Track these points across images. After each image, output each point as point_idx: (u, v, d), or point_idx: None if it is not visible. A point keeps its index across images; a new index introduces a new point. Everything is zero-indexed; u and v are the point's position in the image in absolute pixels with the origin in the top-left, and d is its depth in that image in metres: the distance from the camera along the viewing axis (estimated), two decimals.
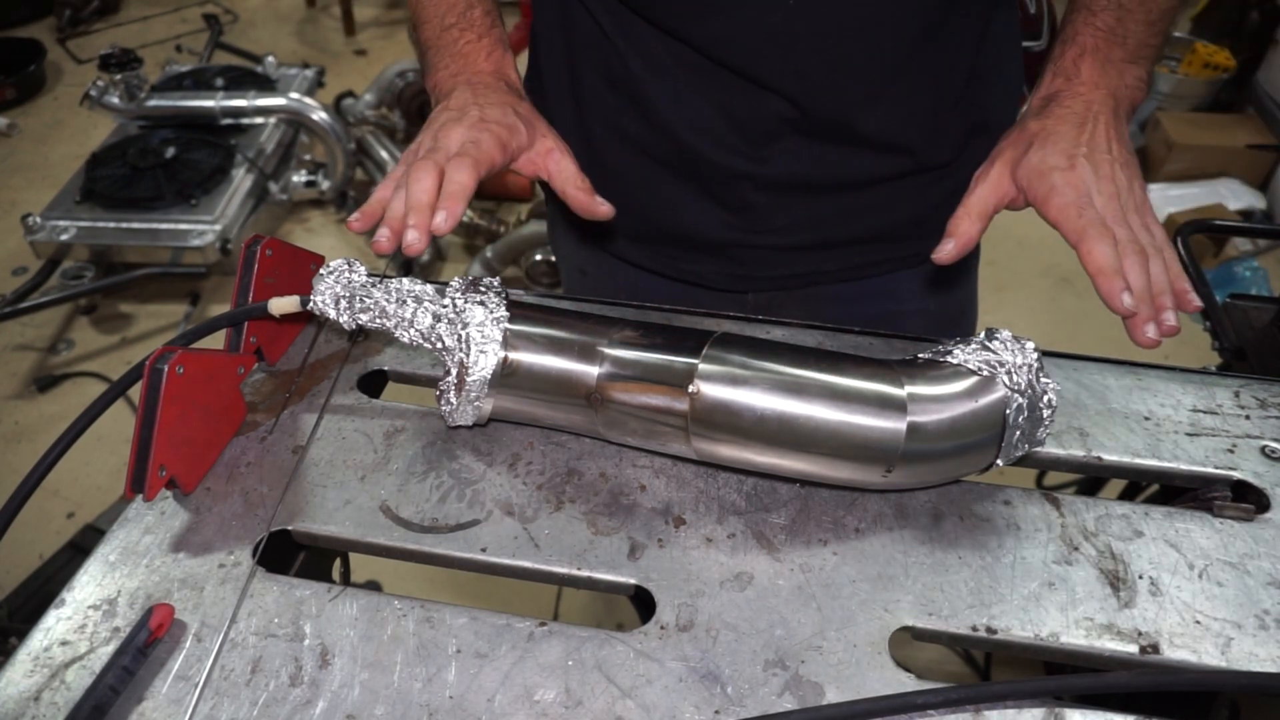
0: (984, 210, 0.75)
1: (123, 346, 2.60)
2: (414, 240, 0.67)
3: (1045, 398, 0.67)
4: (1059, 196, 0.70)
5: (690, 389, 0.65)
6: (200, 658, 0.59)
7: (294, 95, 2.80)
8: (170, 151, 2.60)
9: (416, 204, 0.68)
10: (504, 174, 2.94)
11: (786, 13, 0.79)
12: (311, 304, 0.71)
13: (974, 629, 0.62)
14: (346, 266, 0.71)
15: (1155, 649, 0.61)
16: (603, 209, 0.79)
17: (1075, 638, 0.62)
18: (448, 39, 0.84)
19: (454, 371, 0.69)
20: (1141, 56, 0.78)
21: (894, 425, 0.63)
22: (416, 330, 0.69)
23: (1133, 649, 0.61)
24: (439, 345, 0.69)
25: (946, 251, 0.74)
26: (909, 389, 0.64)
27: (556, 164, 0.79)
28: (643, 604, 0.65)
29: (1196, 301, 0.69)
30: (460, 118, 0.76)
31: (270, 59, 3.13)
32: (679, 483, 0.72)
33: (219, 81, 2.93)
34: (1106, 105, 0.75)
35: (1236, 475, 0.73)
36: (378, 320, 0.70)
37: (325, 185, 2.85)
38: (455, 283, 0.71)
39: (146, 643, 0.58)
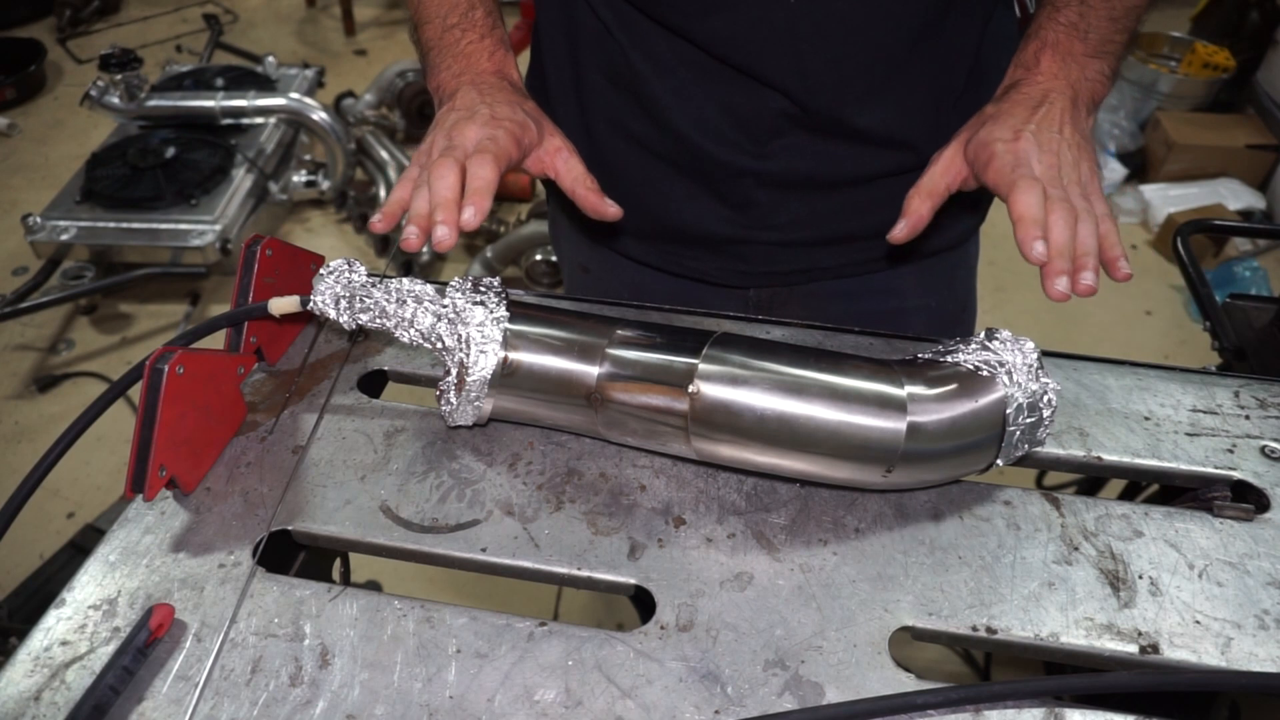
0: (934, 189, 0.76)
1: (123, 346, 2.60)
2: (444, 236, 0.67)
3: (1045, 398, 0.67)
4: (997, 160, 0.71)
5: (690, 389, 0.65)
6: (200, 658, 0.59)
7: (294, 95, 2.80)
8: (170, 151, 2.60)
9: (443, 200, 0.68)
10: (505, 173, 2.94)
11: (788, 11, 0.80)
12: (311, 304, 0.71)
13: (974, 629, 0.62)
14: (346, 266, 0.71)
15: (1155, 649, 0.61)
16: (611, 210, 0.79)
17: (1075, 638, 0.62)
18: (450, 39, 0.84)
19: (454, 371, 0.69)
20: (1105, 52, 0.78)
21: (894, 425, 0.63)
22: (416, 330, 0.69)
23: (1133, 649, 0.61)
24: (439, 345, 0.69)
25: (899, 230, 0.75)
26: (909, 389, 0.64)
27: (565, 163, 0.79)
28: (643, 604, 0.65)
29: (1126, 269, 0.67)
30: (471, 116, 0.76)
31: (270, 59, 3.13)
32: (679, 483, 0.72)
33: (219, 81, 2.93)
34: (1064, 94, 0.75)
35: (1236, 475, 0.73)
36: (378, 320, 0.70)
37: (325, 185, 2.85)
38: (455, 283, 0.71)
39: (146, 643, 0.58)
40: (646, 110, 0.91)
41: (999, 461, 0.67)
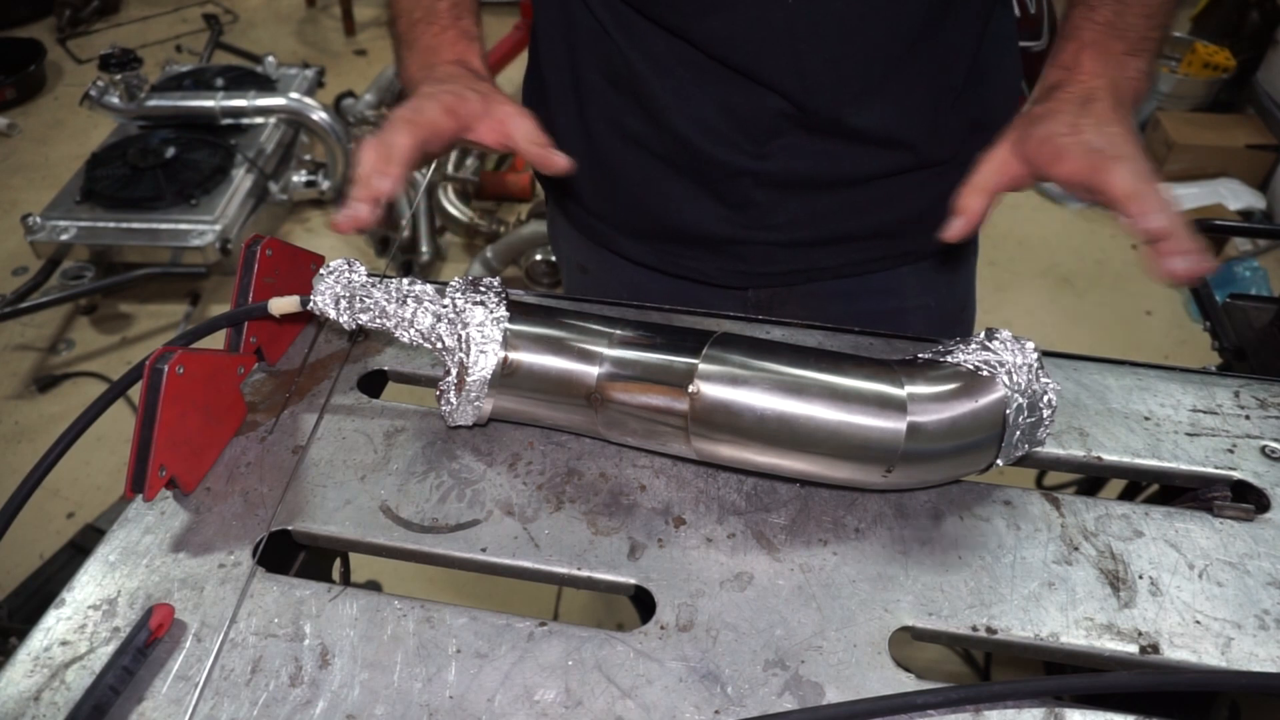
0: (988, 186, 0.74)
1: (123, 346, 2.60)
2: (360, 211, 0.68)
3: (1045, 398, 0.67)
4: (1068, 153, 0.69)
5: (690, 389, 0.65)
6: (200, 658, 0.59)
7: (294, 95, 2.80)
8: (170, 151, 2.60)
9: (359, 177, 0.70)
10: (504, 174, 2.94)
11: (786, 11, 0.80)
12: (311, 304, 0.71)
13: (974, 629, 0.62)
14: (346, 266, 0.71)
15: (1155, 649, 0.61)
16: (559, 160, 0.78)
17: (1075, 638, 0.62)
18: (415, 34, 0.85)
19: (454, 371, 0.69)
20: (1142, 49, 0.77)
21: (894, 425, 0.63)
22: (416, 330, 0.69)
23: (1133, 649, 0.61)
24: (439, 345, 0.69)
25: (955, 228, 0.73)
26: (909, 389, 0.64)
27: (516, 126, 0.78)
28: (643, 604, 0.65)
29: (1208, 263, 0.65)
30: (411, 100, 0.76)
31: (270, 59, 3.13)
32: (679, 483, 0.72)
33: (219, 81, 2.93)
34: (1108, 92, 0.74)
35: (1236, 475, 0.73)
36: (378, 320, 0.70)
37: (325, 185, 2.85)
38: (455, 283, 0.71)
39: (146, 643, 0.58)
40: (645, 110, 0.91)
41: (999, 461, 0.67)
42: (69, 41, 4.05)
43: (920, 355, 0.69)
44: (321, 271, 0.71)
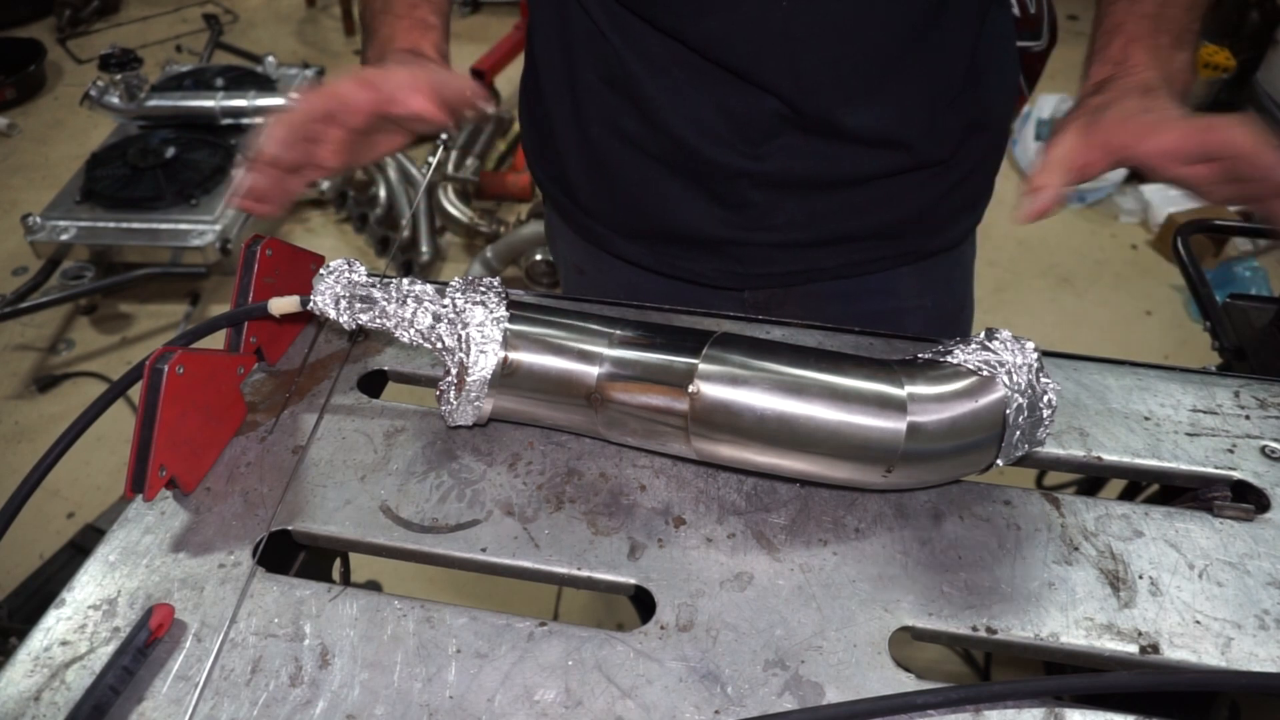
0: (1066, 165, 0.69)
1: (123, 346, 2.60)
2: (244, 178, 0.70)
3: (1045, 398, 0.67)
4: (1164, 125, 0.66)
5: (690, 389, 0.65)
6: (200, 658, 0.59)
7: (294, 95, 2.79)
8: (170, 151, 2.60)
9: (254, 148, 0.70)
10: (504, 174, 2.94)
11: (783, 13, 0.80)
12: (311, 304, 0.71)
13: (974, 629, 0.62)
14: (346, 266, 0.71)
15: (1155, 649, 0.61)
16: (482, 102, 0.77)
17: (1075, 638, 0.62)
18: (376, 24, 0.85)
19: (454, 371, 0.69)
20: (1185, 43, 0.77)
21: (894, 425, 0.63)
22: (416, 330, 0.69)
23: (1133, 649, 0.61)
24: (439, 345, 0.69)
25: (1032, 204, 0.68)
26: (909, 389, 0.64)
27: (444, 83, 0.76)
28: (643, 604, 0.65)
29: None
30: None
31: (270, 59, 3.13)
32: (679, 483, 0.72)
33: (219, 81, 2.93)
34: (1164, 83, 0.73)
35: (1236, 475, 0.73)
36: (378, 320, 0.70)
37: (325, 185, 2.85)
38: (455, 283, 0.71)
39: (146, 643, 0.58)
40: (641, 111, 0.91)
41: (999, 461, 0.67)
42: (69, 41, 4.05)
43: (920, 355, 0.69)
44: (321, 271, 0.71)
